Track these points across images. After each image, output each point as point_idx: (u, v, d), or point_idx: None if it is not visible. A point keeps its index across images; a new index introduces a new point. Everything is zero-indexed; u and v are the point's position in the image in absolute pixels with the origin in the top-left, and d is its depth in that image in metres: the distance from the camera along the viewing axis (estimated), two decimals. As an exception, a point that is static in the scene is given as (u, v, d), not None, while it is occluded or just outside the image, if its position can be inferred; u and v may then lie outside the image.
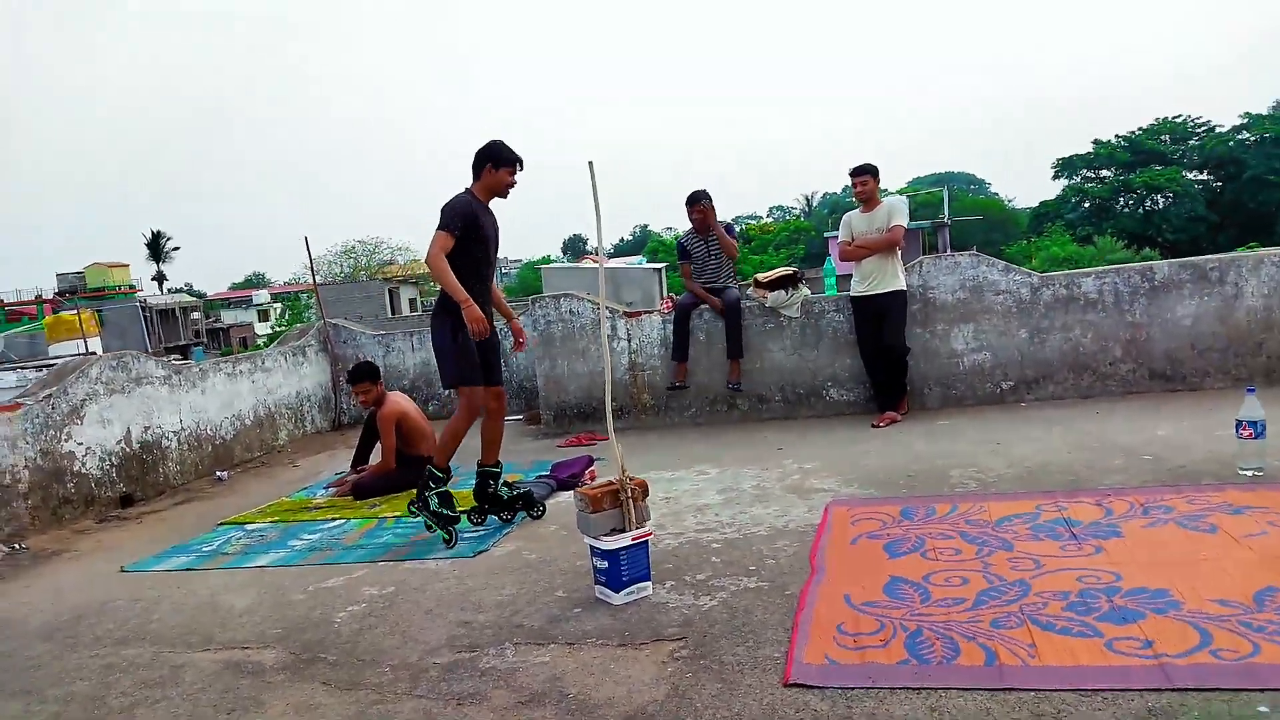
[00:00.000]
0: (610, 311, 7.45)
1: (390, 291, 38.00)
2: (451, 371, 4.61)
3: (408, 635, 3.43)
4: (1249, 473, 4.14)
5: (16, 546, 5.29)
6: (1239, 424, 4.20)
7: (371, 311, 33.99)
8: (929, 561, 3.52)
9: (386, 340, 9.06)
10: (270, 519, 5.44)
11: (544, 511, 4.93)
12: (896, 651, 2.77)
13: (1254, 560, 3.18)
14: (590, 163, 3.89)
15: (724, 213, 7.26)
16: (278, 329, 46.82)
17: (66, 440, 5.89)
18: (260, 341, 47.74)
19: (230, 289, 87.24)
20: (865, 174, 6.36)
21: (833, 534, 3.99)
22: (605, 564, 3.53)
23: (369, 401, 6.02)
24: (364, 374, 6.03)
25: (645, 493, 3.67)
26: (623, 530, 3.55)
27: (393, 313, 35.76)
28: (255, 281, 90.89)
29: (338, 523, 5.22)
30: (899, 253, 6.37)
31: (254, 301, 67.64)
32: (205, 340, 49.84)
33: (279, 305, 61.63)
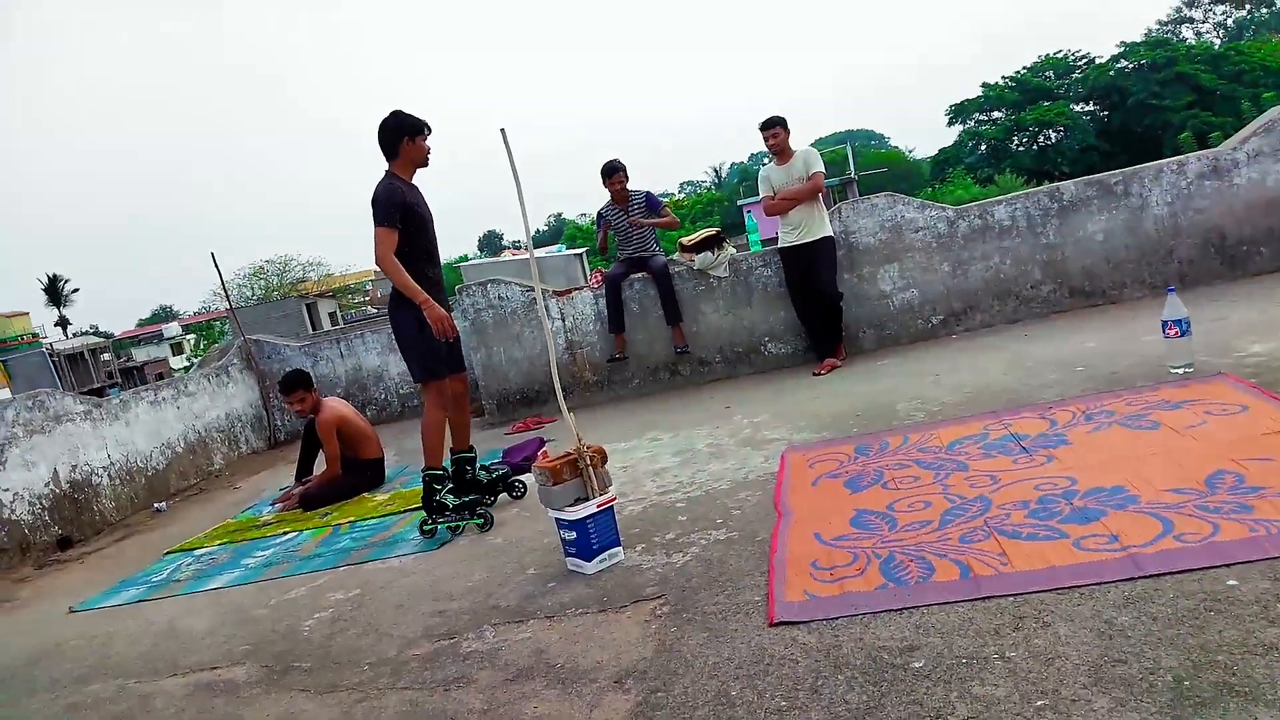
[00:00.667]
0: (541, 292, 7.37)
1: (308, 307, 37.09)
2: (419, 366, 4.46)
3: (381, 632, 3.36)
4: (1180, 370, 4.30)
5: (-50, 605, 5.03)
6: (1165, 324, 4.35)
7: (291, 330, 33.10)
8: (890, 491, 3.57)
9: (314, 350, 8.83)
10: (219, 541, 5.27)
11: (525, 490, 4.84)
12: (874, 578, 2.81)
13: (1198, 449, 3.30)
14: (503, 130, 3.82)
15: (636, 187, 7.17)
16: (194, 359, 45.28)
17: (-11, 488, 5.60)
18: (178, 376, 46.14)
19: (139, 325, 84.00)
20: (775, 125, 6.39)
21: (793, 478, 4.03)
22: (574, 534, 3.50)
23: (305, 410, 5.86)
24: (296, 383, 5.87)
25: (604, 459, 3.65)
26: (586, 499, 3.53)
27: (313, 328, 34.91)
28: (163, 315, 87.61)
29: (290, 536, 5.08)
30: (821, 200, 6.43)
31: (165, 335, 65.18)
32: (120, 381, 47.92)
33: (192, 336, 59.61)
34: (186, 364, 48.40)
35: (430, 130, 4.42)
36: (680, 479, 4.48)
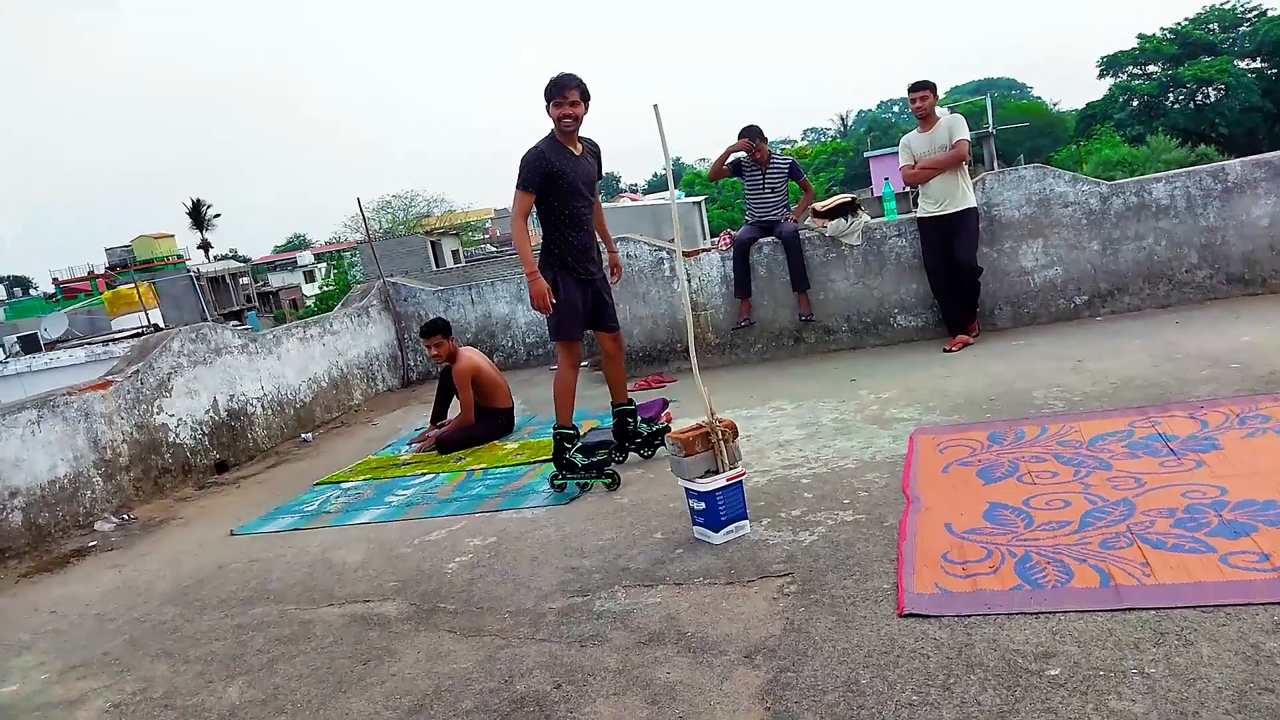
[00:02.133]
0: (669, 252, 7.44)
1: (432, 244, 38.14)
2: (554, 324, 4.65)
3: (519, 582, 3.55)
4: (1346, 376, 4.07)
5: (126, 517, 5.54)
6: (1335, 327, 4.11)
7: (416, 266, 34.17)
8: (1026, 486, 3.54)
9: (446, 296, 9.16)
10: (363, 477, 5.62)
11: (616, 482, 4.70)
12: (1008, 577, 2.82)
13: (1363, 466, 3.15)
14: (655, 105, 3.88)
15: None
16: (325, 289, 47.35)
17: (158, 413, 6.10)
18: (309, 303, 48.45)
19: (274, 252, 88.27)
20: (925, 89, 6.20)
21: (922, 463, 4.02)
22: (703, 505, 3.61)
23: (441, 356, 6.13)
24: (436, 328, 6.14)
25: (735, 434, 3.73)
26: (716, 471, 3.62)
27: (437, 265, 35.92)
28: (297, 243, 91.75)
29: (428, 477, 5.38)
30: (965, 168, 6.25)
31: (299, 263, 68.44)
32: (257, 305, 50.72)
33: (323, 265, 62.34)
34: (319, 290, 50.64)
35: (573, 93, 4.34)
36: (805, 454, 4.52)
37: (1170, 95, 49.62)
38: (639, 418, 4.95)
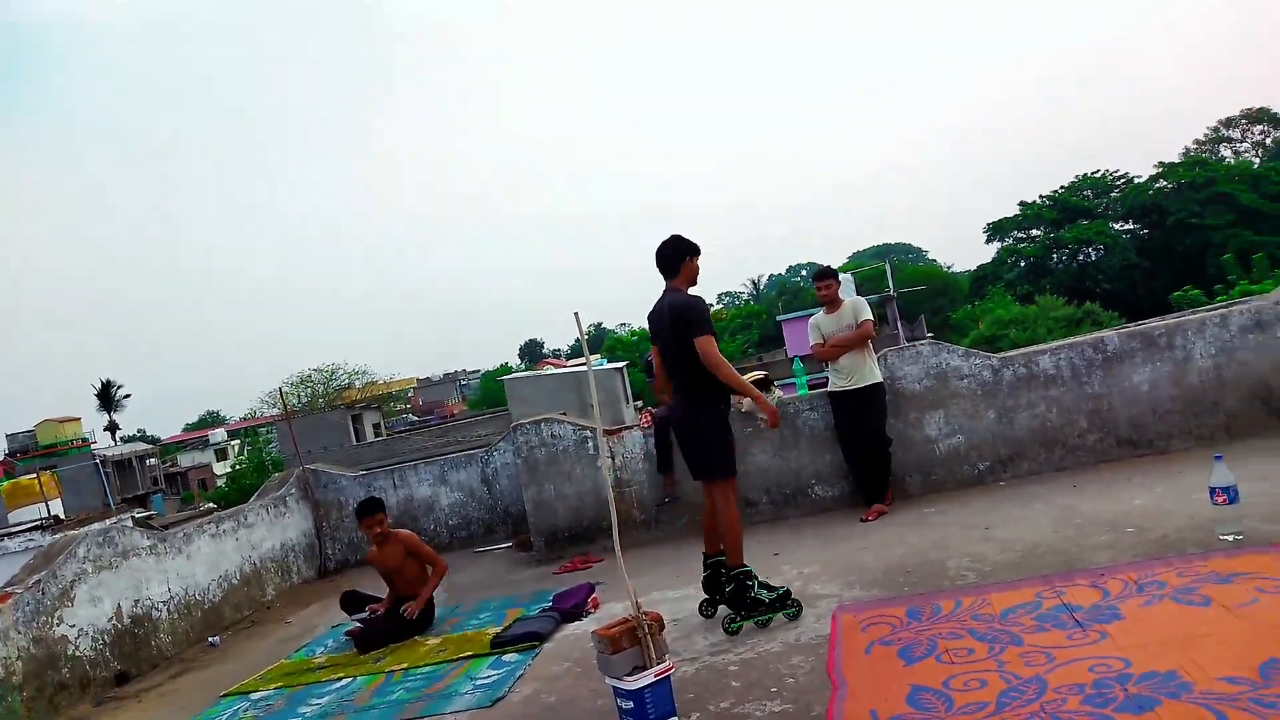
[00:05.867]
0: (590, 431, 7.56)
1: (353, 419, 37.70)
2: (721, 463, 4.74)
3: (443, 801, 3.42)
4: (1229, 537, 4.33)
5: (15, 744, 5.16)
6: (1212, 491, 4.40)
7: (336, 440, 33.67)
8: (944, 665, 3.61)
9: (368, 480, 9.05)
10: (274, 685, 5.36)
11: (799, 610, 4.63)
12: (932, 767, 2.85)
13: (1250, 631, 3.33)
14: (576, 313, 4.10)
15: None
16: (237, 466, 45.92)
17: (58, 624, 5.79)
18: (220, 483, 46.88)
19: (185, 429, 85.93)
20: (829, 278, 6.66)
21: (845, 644, 4.07)
22: (631, 704, 3.57)
23: (384, 531, 6.06)
24: (377, 505, 6.17)
25: (662, 626, 3.75)
26: (644, 667, 3.61)
27: (357, 440, 35.40)
28: (210, 420, 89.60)
29: (344, 682, 5.17)
30: (871, 347, 6.63)
31: (211, 441, 66.65)
32: (164, 487, 48.84)
33: (236, 442, 60.74)
34: (230, 469, 49.09)
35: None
36: (732, 638, 4.53)
37: (1054, 255, 53.37)
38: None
